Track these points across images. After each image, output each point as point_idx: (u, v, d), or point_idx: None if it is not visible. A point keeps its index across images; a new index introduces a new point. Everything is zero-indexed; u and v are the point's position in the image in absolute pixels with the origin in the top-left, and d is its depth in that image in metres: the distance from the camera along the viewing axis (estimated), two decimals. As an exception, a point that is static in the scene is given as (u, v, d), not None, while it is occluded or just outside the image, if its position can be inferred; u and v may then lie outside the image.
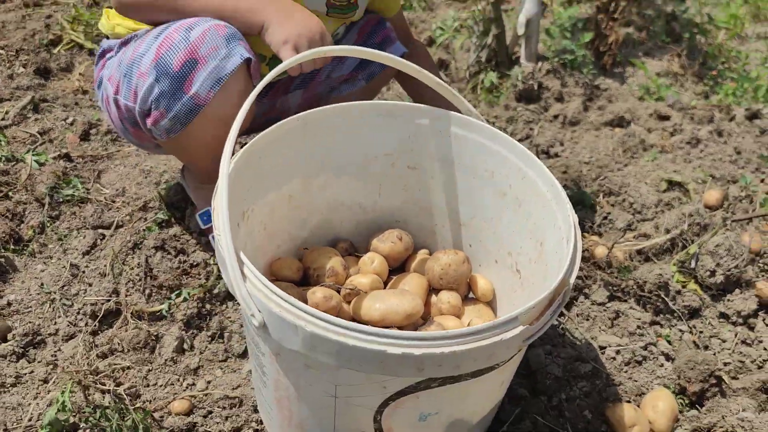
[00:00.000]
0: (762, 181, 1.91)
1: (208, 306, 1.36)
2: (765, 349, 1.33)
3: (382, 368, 0.80)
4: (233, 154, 0.98)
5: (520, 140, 2.04)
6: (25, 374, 1.24)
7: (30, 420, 1.16)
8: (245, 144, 1.04)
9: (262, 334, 0.88)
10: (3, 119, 2.01)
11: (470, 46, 2.56)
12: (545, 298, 0.87)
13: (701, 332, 1.36)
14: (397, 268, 1.29)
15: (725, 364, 1.30)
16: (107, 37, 1.39)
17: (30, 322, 1.35)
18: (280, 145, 1.09)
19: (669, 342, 1.33)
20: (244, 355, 1.30)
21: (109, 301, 1.36)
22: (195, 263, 1.43)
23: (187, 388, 1.24)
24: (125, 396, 1.18)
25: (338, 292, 1.13)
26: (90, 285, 1.41)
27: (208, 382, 1.24)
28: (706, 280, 1.39)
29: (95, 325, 1.34)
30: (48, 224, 1.58)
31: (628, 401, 1.23)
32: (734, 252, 1.39)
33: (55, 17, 2.82)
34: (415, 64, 1.09)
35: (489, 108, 2.27)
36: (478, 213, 1.23)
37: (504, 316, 0.82)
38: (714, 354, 1.32)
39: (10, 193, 1.65)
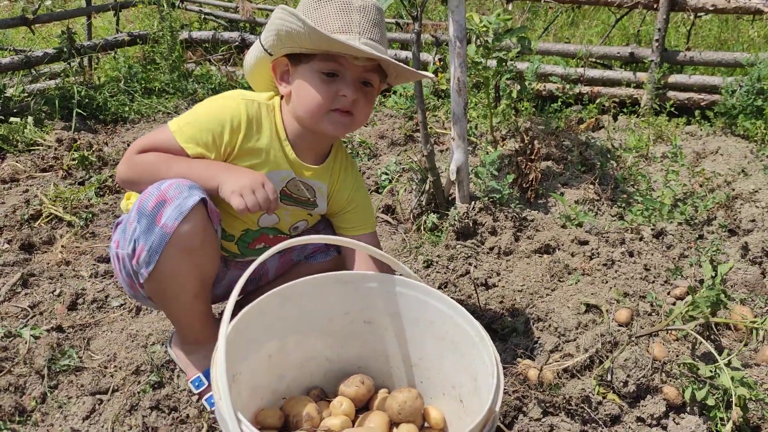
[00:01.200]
0: (668, 293, 2.23)
1: (201, 456, 1.56)
2: (676, 445, 1.58)
3: (355, 496, 1.03)
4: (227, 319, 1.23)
5: (460, 276, 2.34)
6: None
7: None
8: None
9: (258, 479, 1.10)
10: (-5, 297, 2.22)
11: (412, 190, 2.91)
12: (478, 425, 1.12)
13: (622, 436, 1.61)
14: (362, 407, 1.53)
15: (644, 462, 1.54)
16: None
17: (39, 488, 1.52)
18: (260, 316, 1.36)
19: (596, 448, 1.58)
20: (235, 497, 1.48)
21: (112, 460, 1.55)
22: (187, 418, 1.64)
23: None
24: None
25: (315, 433, 1.36)
26: (93, 447, 1.60)
27: None
28: (621, 390, 1.66)
29: (100, 484, 1.52)
30: (48, 394, 1.77)
31: (567, 504, 1.45)
32: (640, 364, 1.67)
33: (32, 191, 3.10)
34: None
35: (432, 248, 2.58)
36: (425, 355, 1.50)
37: (446, 444, 1.07)
38: (634, 454, 1.56)
39: (12, 368, 1.85)
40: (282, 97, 1.66)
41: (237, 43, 5.29)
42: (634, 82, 4.27)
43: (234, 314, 1.28)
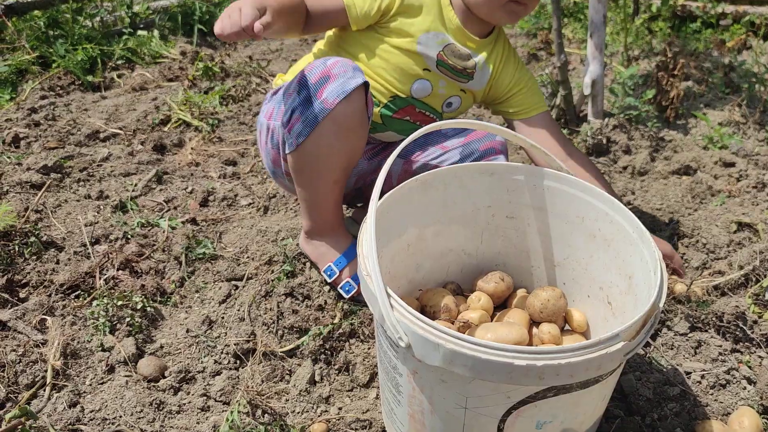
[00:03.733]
0: (830, 220, 2.02)
1: (333, 343, 1.57)
2: (843, 372, 1.44)
3: (509, 378, 0.98)
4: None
5: (593, 191, 2.22)
6: (185, 404, 1.46)
7: (195, 441, 1.38)
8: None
9: (404, 355, 1.08)
10: (133, 191, 2.32)
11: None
12: (640, 319, 1.04)
13: (780, 358, 1.49)
14: (500, 305, 1.48)
15: (805, 385, 1.41)
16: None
17: (180, 362, 1.58)
18: (401, 201, 1.32)
19: (750, 367, 1.46)
20: (368, 384, 1.49)
21: (248, 342, 1.59)
22: (320, 306, 1.65)
23: (321, 413, 1.44)
24: (279, 415, 1.39)
25: (452, 324, 1.33)
26: (229, 329, 1.64)
27: (340, 408, 1.44)
28: (781, 309, 1.53)
29: (237, 363, 1.56)
30: (186, 278, 1.84)
31: (716, 419, 1.36)
32: (805, 282, 1.52)
33: (161, 98, 3.19)
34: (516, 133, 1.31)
35: (561, 163, 2.46)
36: (571, 254, 1.41)
37: (608, 333, 1.00)
38: (794, 377, 1.44)
39: (152, 254, 1.92)
40: None
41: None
42: (789, 0, 3.85)
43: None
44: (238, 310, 1.68)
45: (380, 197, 1.31)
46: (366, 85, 1.47)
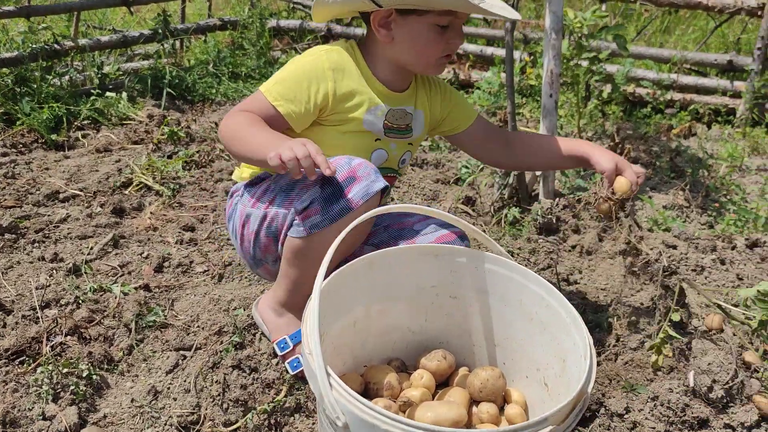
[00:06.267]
0: (762, 304, 2.12)
1: (278, 418, 1.57)
2: (769, 456, 1.50)
3: (441, 460, 1.02)
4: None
5: (542, 270, 2.30)
6: (124, 477, 1.45)
7: None
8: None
9: (343, 434, 1.10)
10: (89, 254, 2.32)
11: (494, 183, 2.88)
12: (569, 403, 1.09)
13: (710, 441, 1.54)
14: (442, 383, 1.52)
15: (733, 469, 1.47)
16: (234, 183, 1.81)
17: (123, 433, 1.56)
18: (349, 280, 1.36)
19: (682, 450, 1.51)
20: (310, 460, 1.50)
21: (192, 414, 1.58)
22: (266, 380, 1.66)
23: (262, 490, 1.44)
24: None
25: (394, 402, 1.36)
26: (175, 400, 1.64)
27: (281, 485, 1.44)
28: (707, 395, 1.59)
29: (180, 435, 1.55)
30: (135, 346, 1.83)
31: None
32: (726, 368, 1.59)
33: (124, 161, 3.22)
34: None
35: (513, 240, 2.54)
36: (510, 335, 1.47)
37: (536, 417, 1.04)
38: (723, 461, 1.49)
39: (102, 320, 1.92)
40: (360, 41, 1.73)
41: (323, 33, 5.36)
42: (731, 91, 4.10)
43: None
44: (185, 381, 1.68)
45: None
46: (385, 188, 1.53)
